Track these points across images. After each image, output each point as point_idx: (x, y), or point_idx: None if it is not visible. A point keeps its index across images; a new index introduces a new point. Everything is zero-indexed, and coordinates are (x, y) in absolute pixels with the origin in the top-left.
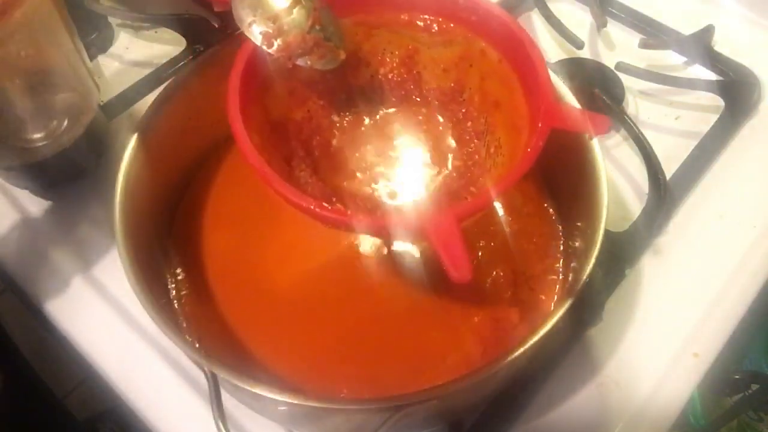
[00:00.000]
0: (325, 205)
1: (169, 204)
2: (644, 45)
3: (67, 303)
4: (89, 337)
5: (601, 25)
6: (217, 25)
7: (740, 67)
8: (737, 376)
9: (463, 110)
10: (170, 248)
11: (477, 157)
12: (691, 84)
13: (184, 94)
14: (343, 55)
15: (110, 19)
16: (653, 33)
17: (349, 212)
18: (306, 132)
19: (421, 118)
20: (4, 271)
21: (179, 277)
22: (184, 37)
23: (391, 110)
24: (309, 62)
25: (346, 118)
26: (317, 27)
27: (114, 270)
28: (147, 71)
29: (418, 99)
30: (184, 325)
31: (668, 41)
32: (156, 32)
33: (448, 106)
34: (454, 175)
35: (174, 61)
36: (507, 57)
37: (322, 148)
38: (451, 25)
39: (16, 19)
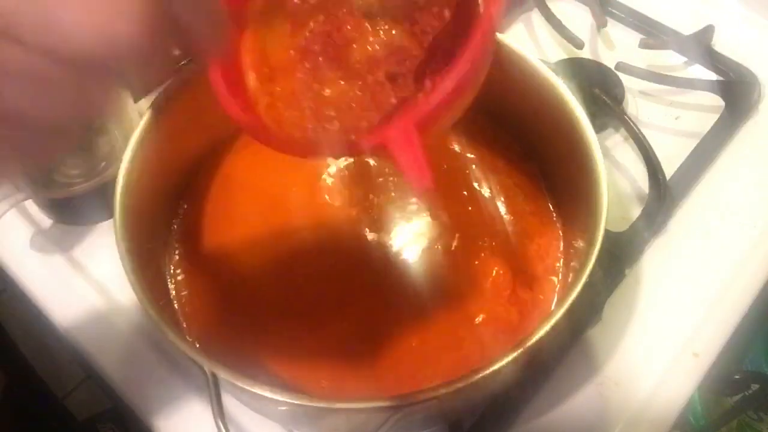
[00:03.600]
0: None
1: (169, 204)
2: (644, 45)
3: (68, 303)
4: (89, 337)
5: (601, 25)
6: None
7: (740, 67)
8: (737, 376)
9: None
10: (170, 248)
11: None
12: (691, 84)
13: (184, 94)
14: None
15: None
16: (653, 33)
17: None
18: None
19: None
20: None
21: (179, 277)
22: None
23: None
24: None
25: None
26: None
27: (114, 270)
28: None
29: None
30: (184, 325)
31: (668, 41)
32: None
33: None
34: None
35: (174, 60)
36: None
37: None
38: None
39: None
